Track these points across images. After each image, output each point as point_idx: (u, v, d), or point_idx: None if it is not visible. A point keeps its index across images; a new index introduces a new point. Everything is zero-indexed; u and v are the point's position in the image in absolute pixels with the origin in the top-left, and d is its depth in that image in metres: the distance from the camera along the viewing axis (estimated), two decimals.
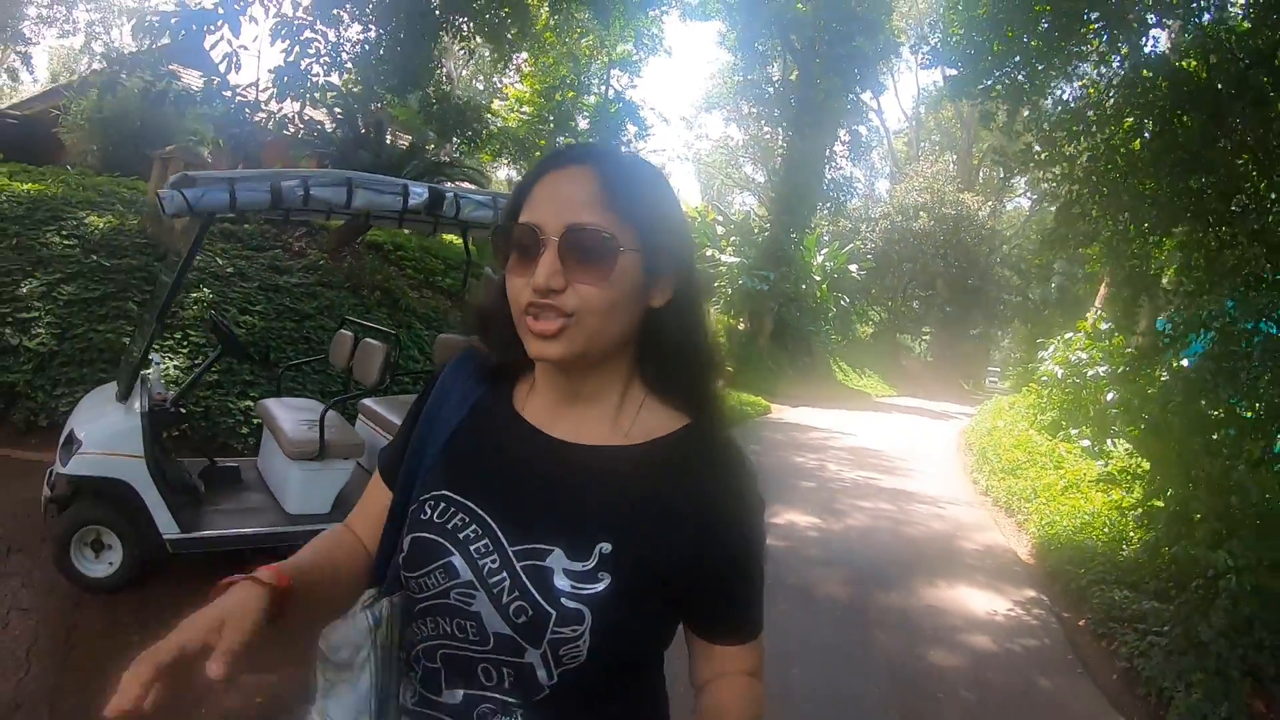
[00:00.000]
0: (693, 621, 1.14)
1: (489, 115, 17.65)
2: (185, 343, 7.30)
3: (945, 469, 12.40)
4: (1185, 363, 5.43)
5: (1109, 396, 6.94)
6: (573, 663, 1.01)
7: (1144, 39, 6.54)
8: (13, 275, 7.19)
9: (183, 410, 5.13)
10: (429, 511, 1.10)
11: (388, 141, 12.85)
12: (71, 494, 4.34)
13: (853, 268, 28.26)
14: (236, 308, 7.89)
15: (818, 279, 25.96)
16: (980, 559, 7.27)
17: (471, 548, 1.05)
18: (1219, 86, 5.33)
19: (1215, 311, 5.31)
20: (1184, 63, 6.31)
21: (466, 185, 12.42)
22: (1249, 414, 4.98)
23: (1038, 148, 7.05)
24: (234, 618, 0.90)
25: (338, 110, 12.22)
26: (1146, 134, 6.29)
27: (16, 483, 5.54)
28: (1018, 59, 6.76)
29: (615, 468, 1.10)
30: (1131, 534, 6.58)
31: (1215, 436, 4.96)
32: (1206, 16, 6.48)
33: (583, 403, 1.14)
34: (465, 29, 13.32)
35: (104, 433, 4.31)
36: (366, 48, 11.84)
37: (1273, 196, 5.37)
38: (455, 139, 15.22)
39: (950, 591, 6.24)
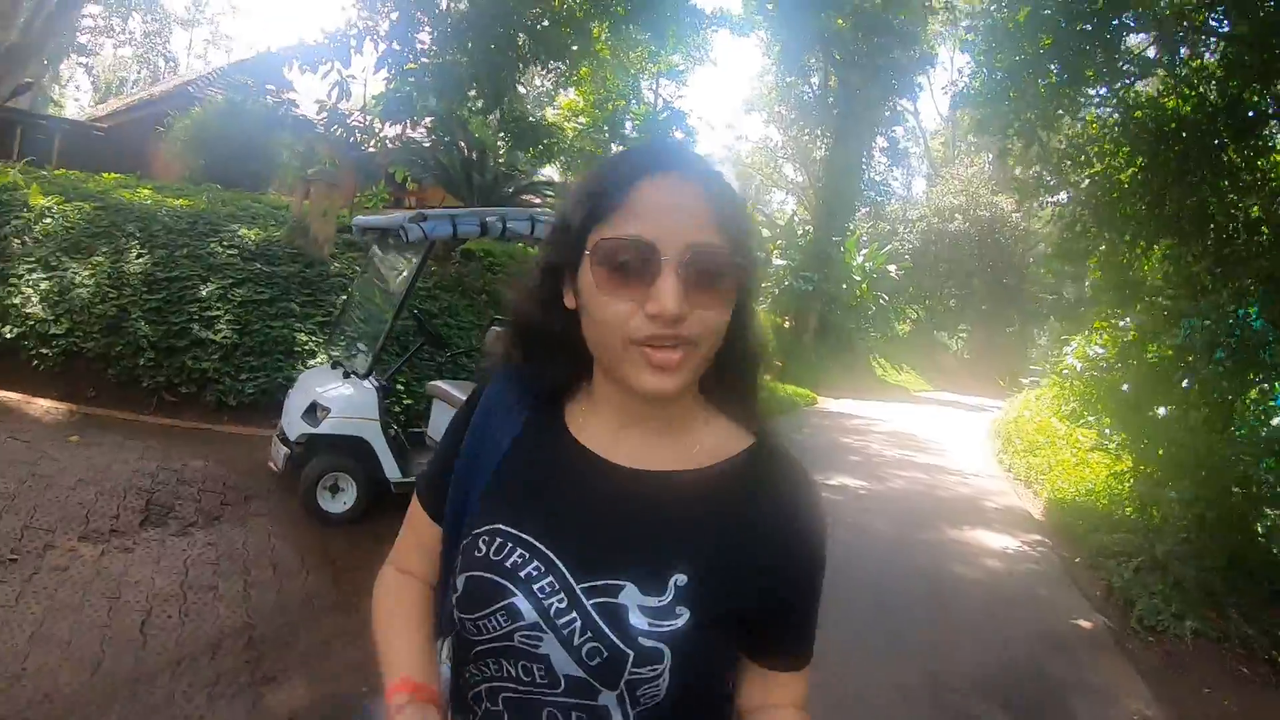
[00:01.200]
0: (750, 646, 1.06)
1: (557, 129, 18.99)
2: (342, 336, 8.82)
3: (974, 450, 13.93)
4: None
5: (1124, 388, 8.20)
6: (650, 702, 0.96)
7: (1133, 86, 7.92)
8: (192, 280, 8.50)
9: (396, 386, 6.69)
10: (484, 548, 1.02)
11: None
12: (311, 449, 5.76)
13: (891, 268, 29.44)
14: None
15: (858, 279, 27.13)
16: (999, 514, 8.81)
17: (535, 586, 0.98)
18: (1183, 135, 6.74)
19: (1186, 313, 6.72)
20: (1168, 100, 7.69)
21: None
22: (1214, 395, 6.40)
23: (1048, 177, 8.51)
24: None
25: (437, 132, 13.64)
26: (1136, 165, 7.68)
27: (226, 449, 6.82)
28: (1031, 101, 8.16)
29: (686, 494, 1.02)
30: (1125, 498, 7.97)
31: (1191, 414, 6.38)
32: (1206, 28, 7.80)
33: (648, 425, 1.06)
34: (530, 49, 14.55)
35: (348, 402, 5.81)
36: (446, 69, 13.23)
37: (1212, 228, 6.75)
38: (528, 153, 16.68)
39: (972, 533, 7.78)
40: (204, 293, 8.41)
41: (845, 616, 4.88)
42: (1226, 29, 7.38)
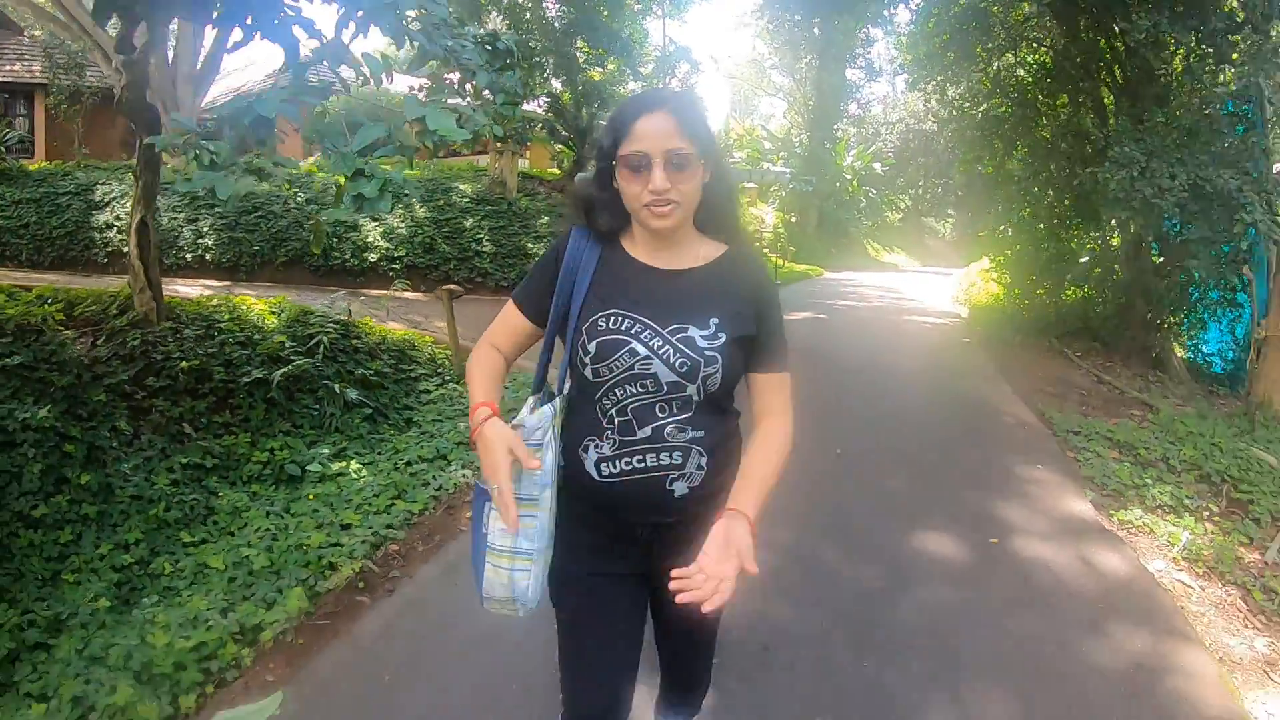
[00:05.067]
0: (751, 360, 1.78)
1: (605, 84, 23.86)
2: None
3: (935, 294, 20.02)
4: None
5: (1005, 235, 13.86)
6: (712, 388, 1.68)
7: (1001, 57, 13.56)
8: (457, 217, 13.95)
9: None
10: (604, 323, 1.69)
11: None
12: None
13: (876, 165, 34.02)
14: None
15: (849, 177, 31.88)
16: (938, 314, 15.11)
17: (641, 336, 1.67)
18: (1022, 89, 12.47)
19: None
20: (1022, 65, 13.35)
21: None
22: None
23: (956, 113, 14.30)
24: (512, 442, 1.61)
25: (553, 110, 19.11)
26: (1006, 105, 13.39)
27: None
28: (941, 65, 13.74)
29: (699, 277, 1.76)
30: (1004, 296, 13.85)
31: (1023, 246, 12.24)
32: None
33: (669, 245, 1.77)
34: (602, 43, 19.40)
35: None
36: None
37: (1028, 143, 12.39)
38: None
39: (919, 318, 14.07)
40: (468, 224, 14.03)
41: (846, 338, 10.96)
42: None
